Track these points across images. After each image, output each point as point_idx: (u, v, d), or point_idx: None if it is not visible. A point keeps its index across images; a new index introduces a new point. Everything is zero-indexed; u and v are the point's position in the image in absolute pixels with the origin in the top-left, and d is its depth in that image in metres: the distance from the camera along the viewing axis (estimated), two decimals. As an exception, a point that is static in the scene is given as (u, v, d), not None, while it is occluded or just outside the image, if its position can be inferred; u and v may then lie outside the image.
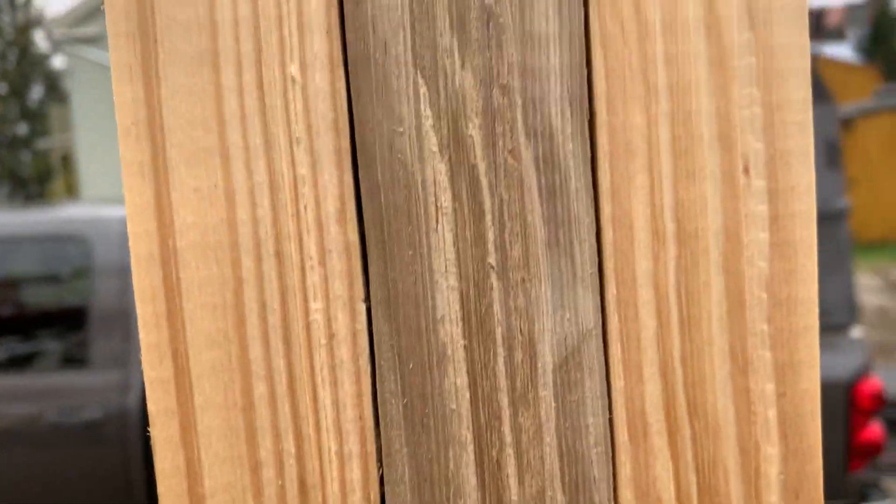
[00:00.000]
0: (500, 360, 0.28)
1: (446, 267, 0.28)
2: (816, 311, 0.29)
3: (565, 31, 0.27)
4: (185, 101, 0.27)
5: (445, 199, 0.27)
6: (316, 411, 0.28)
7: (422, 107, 0.27)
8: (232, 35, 0.27)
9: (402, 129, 0.27)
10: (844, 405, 2.83)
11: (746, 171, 0.28)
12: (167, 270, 0.27)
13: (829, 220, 2.96)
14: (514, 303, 0.28)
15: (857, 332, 3.01)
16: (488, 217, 0.27)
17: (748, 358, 0.28)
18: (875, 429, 2.81)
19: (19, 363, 2.79)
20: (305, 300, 0.27)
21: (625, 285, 0.28)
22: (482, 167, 0.27)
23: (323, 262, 0.28)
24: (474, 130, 0.27)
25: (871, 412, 2.84)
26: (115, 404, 2.46)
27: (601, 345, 0.28)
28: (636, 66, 0.27)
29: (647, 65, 0.27)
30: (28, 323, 2.90)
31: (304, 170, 0.27)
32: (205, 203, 0.27)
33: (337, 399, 0.28)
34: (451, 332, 0.28)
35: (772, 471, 0.29)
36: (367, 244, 0.28)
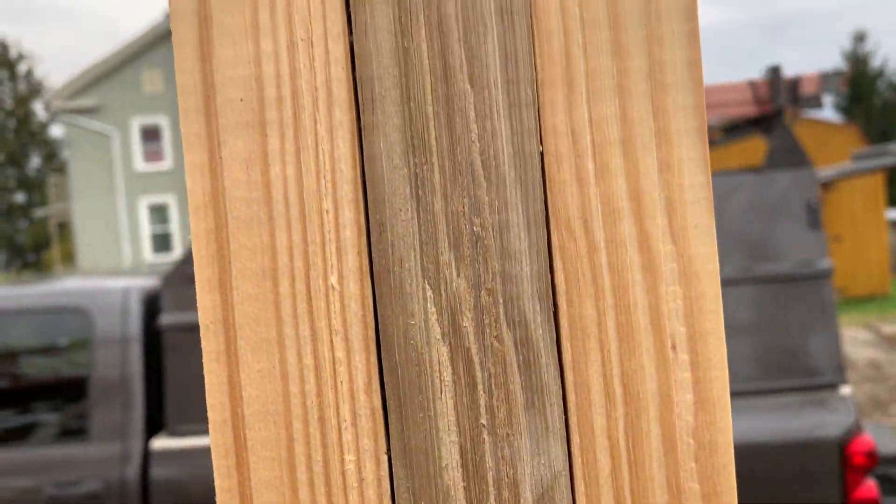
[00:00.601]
0: (492, 498, 0.36)
1: (448, 426, 0.36)
2: (732, 451, 0.37)
3: (533, 247, 0.37)
4: (251, 306, 0.36)
5: (447, 375, 0.36)
6: (350, 540, 0.36)
7: (428, 305, 0.36)
8: (287, 256, 0.36)
9: (413, 322, 0.36)
10: (839, 464, 2.87)
11: (674, 348, 0.37)
12: (237, 432, 0.36)
13: (812, 280, 3.05)
14: (501, 453, 0.36)
15: (846, 389, 3.07)
16: (480, 387, 0.36)
17: (681, 489, 0.37)
18: (870, 486, 2.84)
19: (18, 435, 2.80)
20: (342, 453, 0.36)
21: (585, 436, 0.37)
22: (474, 349, 0.36)
23: (355, 424, 0.36)
24: (468, 322, 0.36)
25: (865, 469, 2.88)
26: (114, 476, 2.48)
27: (569, 483, 0.37)
28: (587, 272, 0.37)
29: (595, 271, 0.37)
30: (28, 394, 2.93)
31: (340, 354, 0.36)
32: (265, 381, 0.36)
33: (366, 530, 0.36)
34: (454, 477, 0.36)
35: (705, 578, 0.37)
36: (387, 409, 0.36)
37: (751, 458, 2.80)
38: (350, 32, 0.36)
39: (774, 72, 4.50)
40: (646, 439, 0.37)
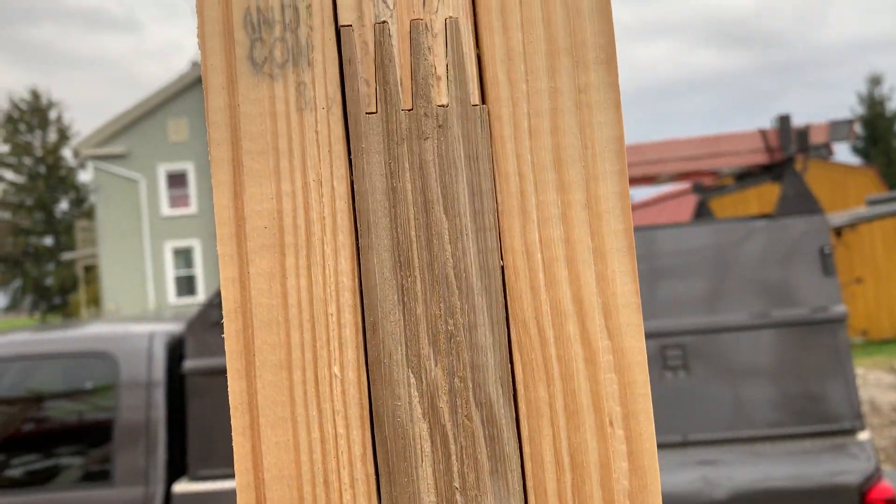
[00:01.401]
0: (463, 547, 0.45)
1: (428, 488, 0.45)
2: (662, 510, 0.45)
3: (496, 342, 0.46)
4: (271, 391, 0.45)
5: (427, 447, 0.45)
6: (349, 581, 0.45)
7: (412, 390, 0.45)
8: (300, 350, 0.46)
9: (400, 403, 0.45)
10: (860, 511, 2.86)
11: (611, 424, 0.45)
12: (258, 493, 0.45)
13: (827, 326, 3.07)
14: (470, 510, 0.45)
15: (864, 435, 3.06)
16: (453, 457, 0.45)
17: (620, 542, 0.45)
18: (891, 534, 2.83)
19: (43, 479, 2.86)
20: (342, 510, 0.45)
21: (540, 497, 0.45)
22: (449, 426, 0.45)
23: (353, 486, 0.45)
24: (443, 404, 0.45)
25: (886, 517, 2.86)
26: None
27: (527, 535, 0.45)
28: (540, 362, 0.46)
29: (546, 362, 0.46)
30: (53, 438, 2.99)
31: (341, 429, 0.45)
32: (281, 451, 0.45)
33: (362, 573, 0.45)
34: (432, 530, 0.45)
35: None
36: (379, 474, 0.45)
37: None
38: (351, 174, 0.46)
39: (784, 121, 4.59)
40: (589, 500, 0.45)
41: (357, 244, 0.46)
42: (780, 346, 3.15)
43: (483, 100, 0.46)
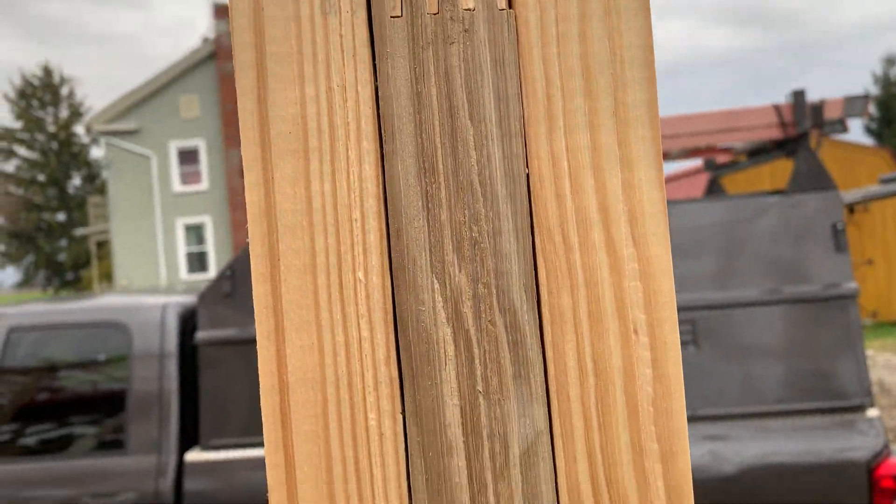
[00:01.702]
0: (486, 450, 0.45)
1: (451, 392, 0.45)
2: (685, 417, 0.45)
3: (521, 249, 0.46)
4: (295, 294, 0.45)
5: (450, 351, 0.45)
6: (372, 483, 0.45)
7: (436, 295, 0.45)
8: (324, 255, 0.46)
9: (423, 308, 0.46)
10: (867, 486, 2.87)
11: (636, 332, 0.45)
12: (283, 397, 0.45)
13: (838, 302, 3.06)
14: (494, 414, 0.45)
15: (873, 412, 3.06)
16: (476, 361, 0.45)
17: (643, 448, 0.45)
18: (899, 509, 2.83)
19: (58, 447, 2.89)
20: (366, 412, 0.45)
21: (563, 402, 0.46)
22: (472, 331, 0.45)
23: (376, 389, 0.45)
24: (467, 309, 0.45)
25: (894, 493, 2.87)
26: (149, 488, 2.57)
27: (549, 440, 0.45)
28: (564, 269, 0.46)
29: (570, 269, 0.46)
30: (68, 407, 3.02)
31: (365, 333, 0.45)
32: (306, 354, 0.45)
33: (385, 475, 0.45)
34: (455, 433, 0.45)
35: (661, 522, 0.45)
36: (402, 377, 0.46)
37: (778, 480, 2.81)
38: (375, 79, 0.46)
39: (798, 96, 4.53)
40: (613, 406, 0.45)
41: (381, 150, 0.46)
42: (790, 323, 3.14)
43: (510, 4, 0.46)
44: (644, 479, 0.45)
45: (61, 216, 26.59)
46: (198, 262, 20.43)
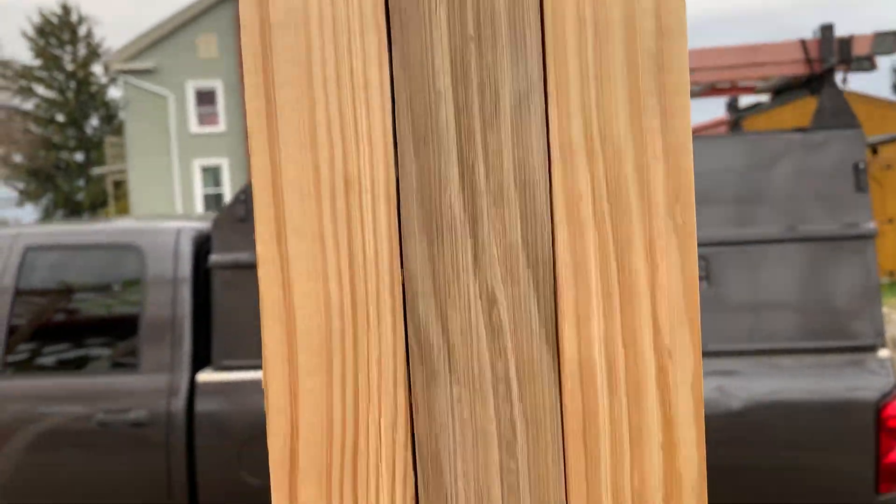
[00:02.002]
0: (476, 100, 0.43)
1: (441, 39, 0.43)
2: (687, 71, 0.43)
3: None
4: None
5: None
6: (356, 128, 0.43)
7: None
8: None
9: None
10: (874, 426, 2.85)
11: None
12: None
13: (856, 241, 3.00)
14: (485, 60, 0.43)
15: (884, 353, 3.03)
16: (469, 3, 0.43)
17: (642, 104, 0.43)
18: (904, 450, 2.82)
19: (74, 365, 2.92)
20: (351, 61, 0.43)
21: (559, 55, 0.43)
22: (466, -25, 0.43)
23: (362, 36, 0.43)
24: (462, -49, 0.43)
25: (901, 433, 2.85)
26: (161, 406, 2.59)
27: (543, 96, 0.43)
28: (566, -90, 0.43)
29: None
30: (83, 327, 3.05)
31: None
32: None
33: (370, 125, 0.43)
34: (444, 82, 0.43)
35: (658, 182, 0.43)
36: (390, 26, 0.43)
37: (785, 417, 2.80)
38: None
39: (826, 30, 4.40)
40: (613, 58, 0.43)
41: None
42: (806, 261, 3.09)
43: None
44: (641, 135, 0.43)
45: (79, 156, 26.70)
46: (215, 203, 20.50)
